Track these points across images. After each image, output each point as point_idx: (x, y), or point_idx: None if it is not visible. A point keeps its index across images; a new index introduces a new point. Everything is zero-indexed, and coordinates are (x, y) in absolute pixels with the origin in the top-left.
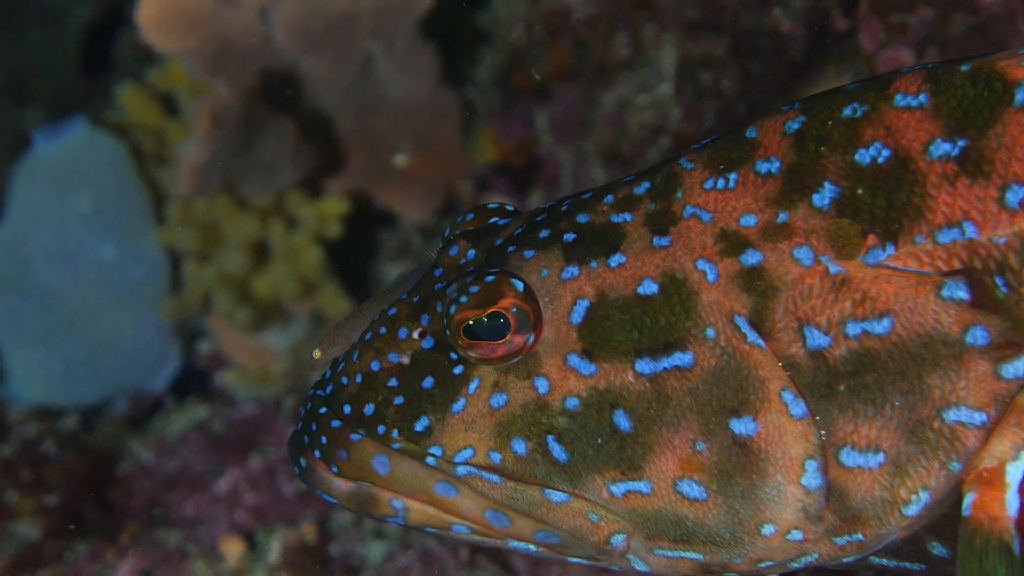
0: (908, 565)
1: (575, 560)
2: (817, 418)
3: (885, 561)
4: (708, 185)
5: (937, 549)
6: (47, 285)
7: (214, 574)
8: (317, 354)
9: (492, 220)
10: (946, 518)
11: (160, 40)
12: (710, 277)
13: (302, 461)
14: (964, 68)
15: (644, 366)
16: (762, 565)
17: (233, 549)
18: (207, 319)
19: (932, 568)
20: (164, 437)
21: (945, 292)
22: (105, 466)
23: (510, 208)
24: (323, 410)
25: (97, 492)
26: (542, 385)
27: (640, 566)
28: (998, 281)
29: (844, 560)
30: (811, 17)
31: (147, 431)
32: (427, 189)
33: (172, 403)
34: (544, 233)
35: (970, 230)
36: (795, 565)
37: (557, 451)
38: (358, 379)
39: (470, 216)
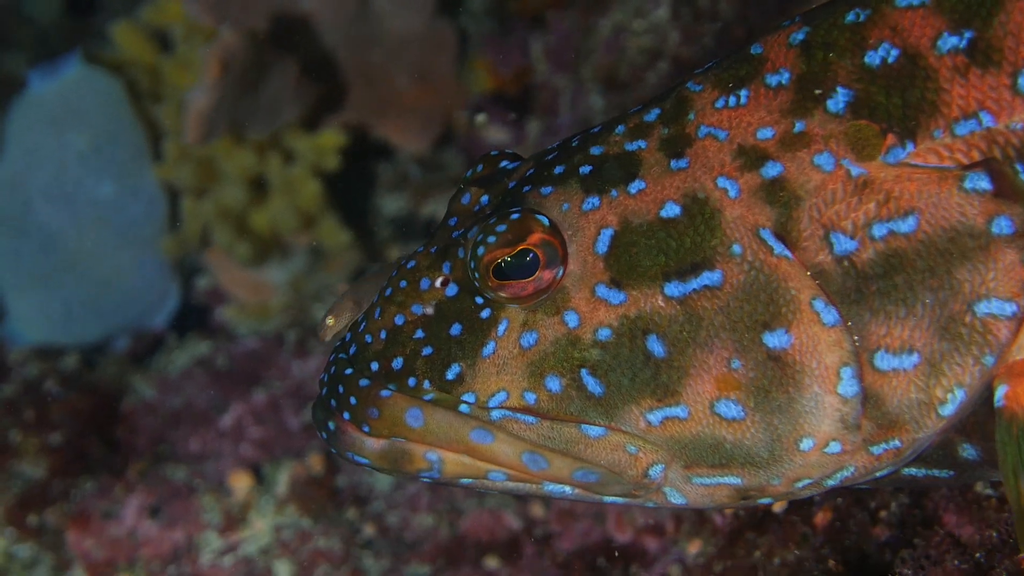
0: (937, 473)
1: (610, 500)
2: (849, 324)
3: (914, 471)
4: (719, 104)
5: (968, 451)
6: (47, 225)
7: (222, 508)
8: (330, 321)
9: (501, 165)
10: (977, 416)
11: None
12: (732, 193)
13: (330, 425)
14: None
15: (673, 289)
16: (799, 484)
17: (241, 483)
18: (205, 255)
19: (960, 474)
20: (167, 374)
21: (967, 184)
22: (109, 404)
23: (515, 154)
24: (348, 371)
25: (102, 430)
26: (572, 319)
27: (676, 499)
28: (1019, 167)
29: (878, 474)
30: None
31: (149, 368)
32: (424, 120)
33: (173, 340)
34: (559, 169)
35: (987, 119)
36: (830, 482)
37: (592, 384)
38: (383, 335)
39: (479, 167)
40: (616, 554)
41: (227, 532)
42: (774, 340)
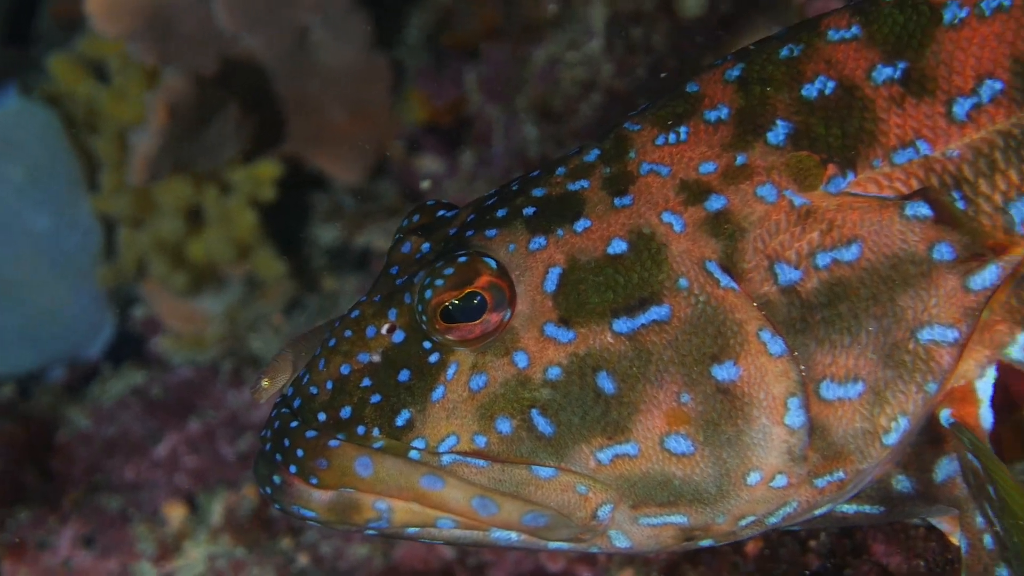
0: (868, 509)
1: (555, 546)
2: (796, 354)
3: (845, 507)
4: (660, 141)
5: (902, 484)
6: None
7: (157, 538)
8: (266, 383)
9: (439, 214)
10: (914, 448)
11: (108, 27)
12: (677, 228)
13: (275, 479)
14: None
15: (622, 325)
16: (743, 523)
17: (175, 513)
18: (141, 285)
19: (890, 510)
20: (102, 404)
21: (908, 211)
22: (44, 434)
23: (450, 204)
24: (294, 424)
25: (37, 460)
26: (521, 360)
27: (621, 543)
28: (955, 195)
29: (818, 510)
30: None
31: (84, 398)
32: (359, 151)
33: (108, 370)
34: (501, 212)
35: (924, 147)
36: (772, 520)
37: (542, 425)
38: (328, 386)
39: (416, 217)
40: None
41: (161, 561)
42: (723, 372)
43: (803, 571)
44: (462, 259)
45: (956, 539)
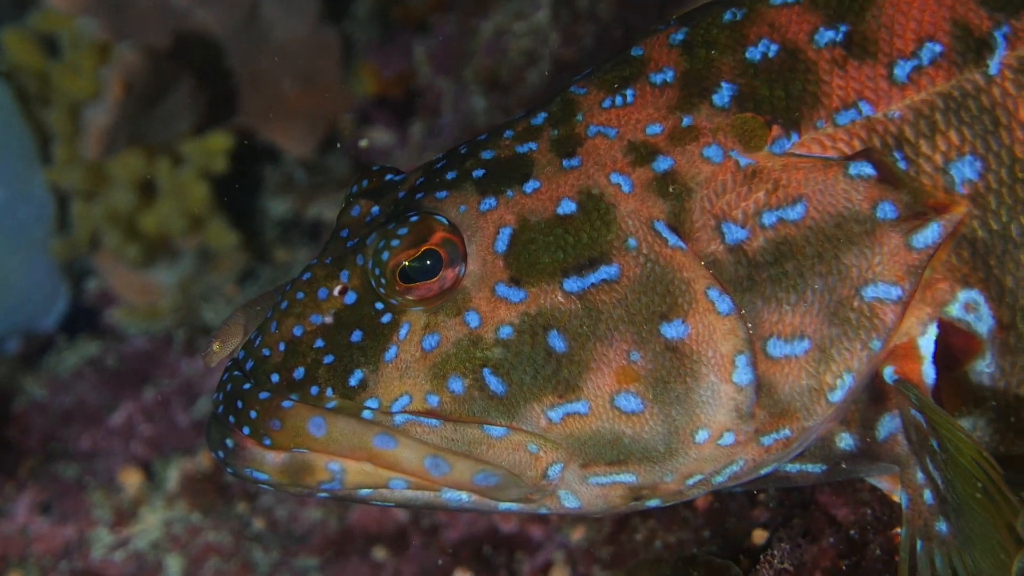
0: (810, 468)
1: (505, 507)
2: (743, 312)
3: (789, 467)
4: (607, 104)
5: (845, 441)
6: None
7: (113, 504)
8: (216, 347)
9: (387, 178)
10: (857, 405)
11: (62, 1)
12: (625, 188)
13: (228, 443)
14: None
15: (572, 284)
16: (690, 481)
17: (131, 479)
18: (95, 257)
19: (832, 468)
20: (57, 374)
21: (852, 171)
22: (0, 403)
23: (397, 169)
24: (247, 386)
25: None
26: (473, 319)
27: (570, 503)
28: (897, 155)
29: (764, 469)
30: None
31: (40, 369)
32: (310, 124)
33: (63, 341)
34: (451, 175)
35: (866, 109)
36: (719, 479)
37: (494, 384)
38: (281, 347)
39: (364, 182)
40: (501, 542)
41: (118, 527)
42: (671, 331)
43: (752, 523)
44: (414, 218)
45: (896, 497)
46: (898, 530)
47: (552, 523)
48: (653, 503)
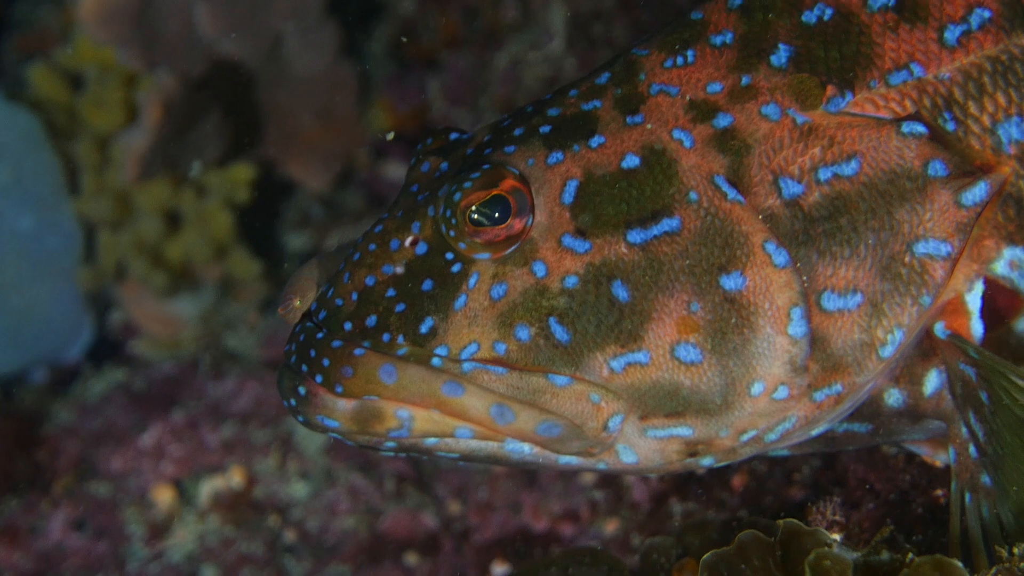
0: (857, 427)
1: (565, 461)
2: (799, 265)
3: (835, 426)
4: (668, 64)
5: (893, 397)
6: None
7: (146, 520)
8: (297, 303)
9: (452, 137)
10: (906, 360)
11: (100, 32)
12: (687, 144)
13: (300, 390)
14: None
15: (636, 236)
16: (744, 438)
17: (163, 496)
18: (118, 289)
19: (877, 427)
20: (86, 400)
21: (905, 129)
22: (30, 427)
23: (461, 130)
24: (320, 335)
25: (25, 452)
26: (540, 269)
27: (628, 457)
28: (947, 115)
29: (815, 428)
30: None
31: (67, 396)
32: (327, 158)
33: (90, 370)
34: (518, 131)
35: (917, 70)
36: (771, 436)
37: (559, 332)
38: (354, 297)
39: (429, 140)
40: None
41: (152, 542)
42: (730, 282)
43: (789, 501)
44: (486, 166)
45: (938, 461)
46: (939, 491)
47: (583, 520)
48: (707, 461)
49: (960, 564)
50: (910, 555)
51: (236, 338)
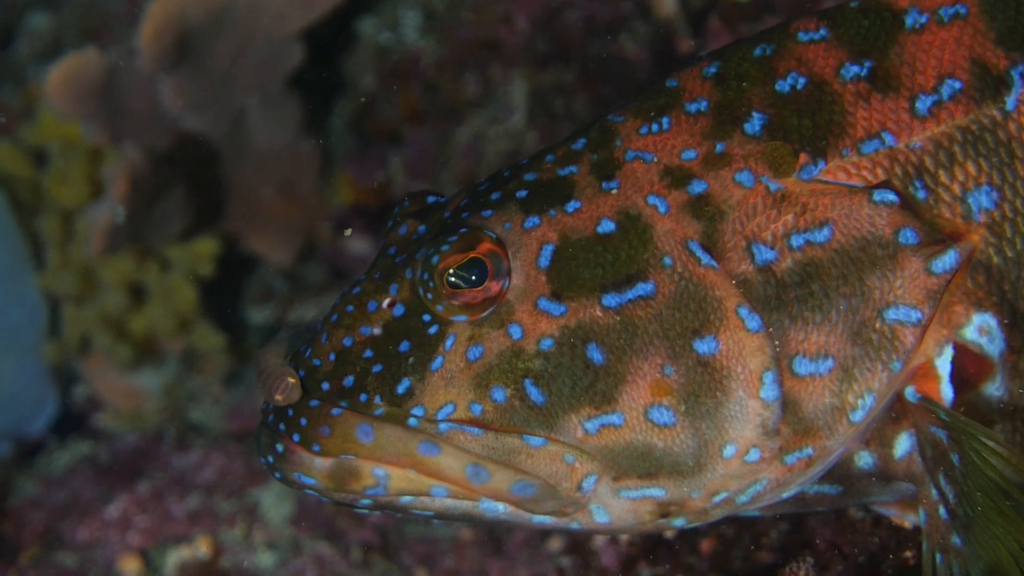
0: (827, 489)
1: (539, 520)
2: (771, 330)
3: (806, 488)
4: (643, 131)
5: (864, 460)
6: None
7: None
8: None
9: (429, 200)
10: (878, 424)
11: (65, 106)
12: (661, 209)
13: (278, 448)
14: (853, 5)
15: (611, 300)
16: (715, 499)
17: (130, 566)
18: (82, 363)
19: (848, 489)
20: (51, 472)
21: (876, 197)
22: None
23: (439, 192)
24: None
25: None
26: (516, 331)
27: (601, 518)
28: (917, 184)
29: (785, 491)
30: (656, 43)
31: (32, 469)
32: (289, 232)
33: (54, 443)
34: (495, 195)
35: (889, 139)
36: (742, 498)
37: (535, 394)
38: (331, 357)
39: (406, 203)
40: None
41: None
42: (703, 346)
43: (758, 565)
44: (464, 230)
45: (906, 523)
46: (908, 553)
47: None
48: (679, 522)
49: None
50: None
51: (200, 410)
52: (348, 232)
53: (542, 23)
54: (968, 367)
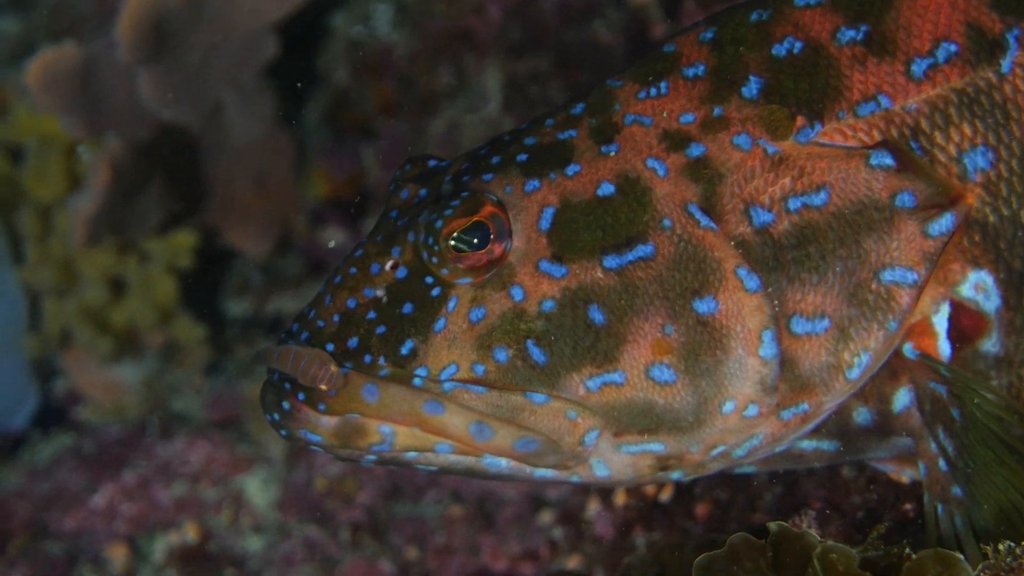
0: (825, 446)
1: (540, 474)
2: (769, 290)
3: (804, 444)
4: (642, 95)
5: (862, 416)
6: None
7: None
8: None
9: (431, 164)
10: (875, 380)
11: (44, 98)
12: (660, 172)
13: (284, 405)
14: None
15: (611, 261)
16: (713, 452)
17: (118, 553)
18: (62, 357)
19: (846, 445)
20: (35, 464)
21: (873, 161)
22: None
23: (439, 157)
24: None
25: None
26: (517, 293)
27: (601, 471)
28: (913, 145)
29: (780, 445)
30: (630, 28)
31: (16, 462)
32: (265, 224)
33: (37, 435)
34: (496, 159)
35: (884, 102)
36: (739, 452)
37: (536, 354)
38: (335, 319)
39: (408, 167)
40: None
41: None
42: (703, 306)
43: (755, 527)
44: (465, 194)
45: (904, 477)
46: (907, 506)
47: (543, 559)
48: (676, 475)
49: (961, 556)
50: (907, 550)
51: (182, 401)
52: (332, 244)
53: (515, 12)
54: (964, 324)
